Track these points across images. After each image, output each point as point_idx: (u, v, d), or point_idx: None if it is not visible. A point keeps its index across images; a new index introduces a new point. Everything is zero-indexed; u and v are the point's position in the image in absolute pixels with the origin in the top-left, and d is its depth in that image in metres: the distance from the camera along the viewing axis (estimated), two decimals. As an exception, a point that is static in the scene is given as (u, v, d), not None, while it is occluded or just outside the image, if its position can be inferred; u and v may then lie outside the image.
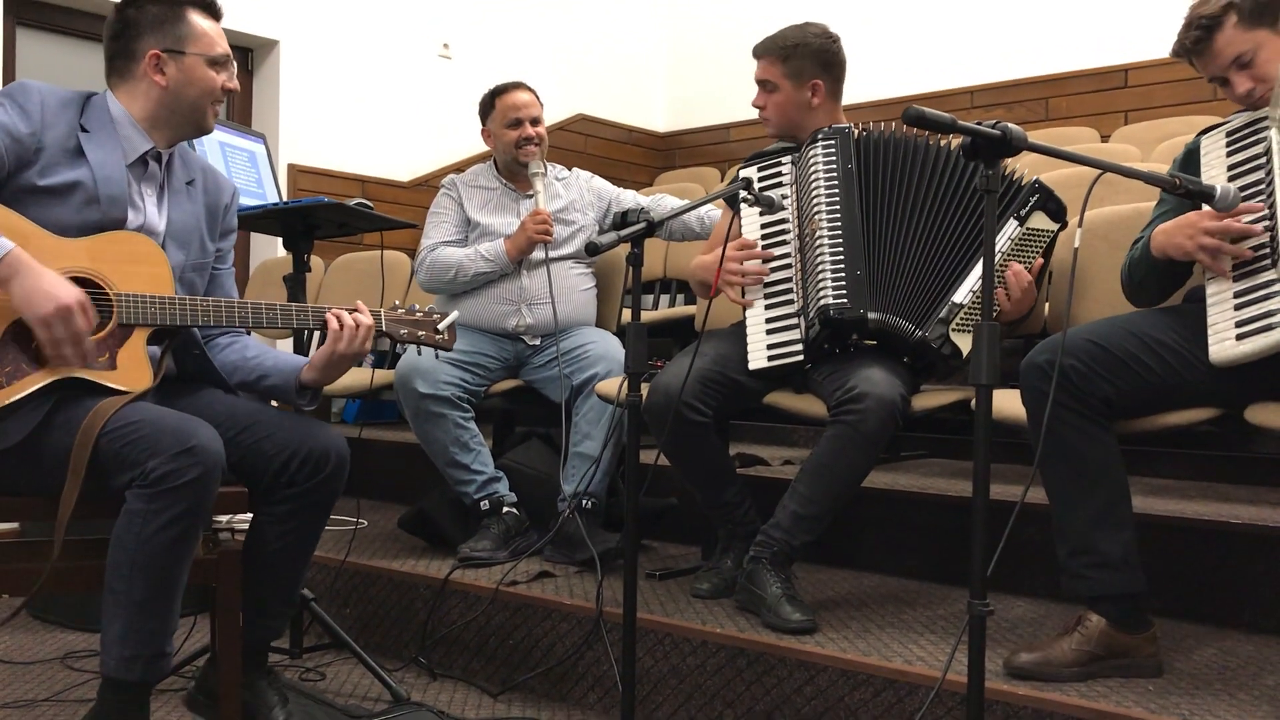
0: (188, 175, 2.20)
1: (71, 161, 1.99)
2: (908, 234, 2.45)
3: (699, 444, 2.52)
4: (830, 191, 2.46)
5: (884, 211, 2.46)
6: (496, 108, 3.29)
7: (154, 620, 1.86)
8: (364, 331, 2.11)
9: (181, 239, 2.14)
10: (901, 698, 2.08)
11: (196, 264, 2.18)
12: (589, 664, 2.52)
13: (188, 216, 2.17)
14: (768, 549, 2.41)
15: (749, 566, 2.44)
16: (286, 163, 5.19)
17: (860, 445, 2.32)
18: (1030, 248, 2.43)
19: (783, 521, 2.40)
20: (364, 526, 3.50)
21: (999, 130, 1.56)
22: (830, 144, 2.49)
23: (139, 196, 2.08)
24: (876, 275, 2.43)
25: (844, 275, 2.41)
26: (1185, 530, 2.53)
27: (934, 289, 2.44)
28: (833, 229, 2.44)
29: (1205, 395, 2.09)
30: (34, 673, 2.73)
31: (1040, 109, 5.69)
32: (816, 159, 2.49)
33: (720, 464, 2.61)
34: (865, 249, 2.43)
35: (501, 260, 3.14)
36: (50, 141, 1.97)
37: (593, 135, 6.80)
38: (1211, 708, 1.88)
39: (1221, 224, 1.99)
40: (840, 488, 2.38)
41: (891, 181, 2.47)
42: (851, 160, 2.47)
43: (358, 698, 2.56)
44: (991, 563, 1.58)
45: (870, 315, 2.40)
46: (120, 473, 1.85)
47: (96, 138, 2.02)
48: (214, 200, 2.25)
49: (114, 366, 1.96)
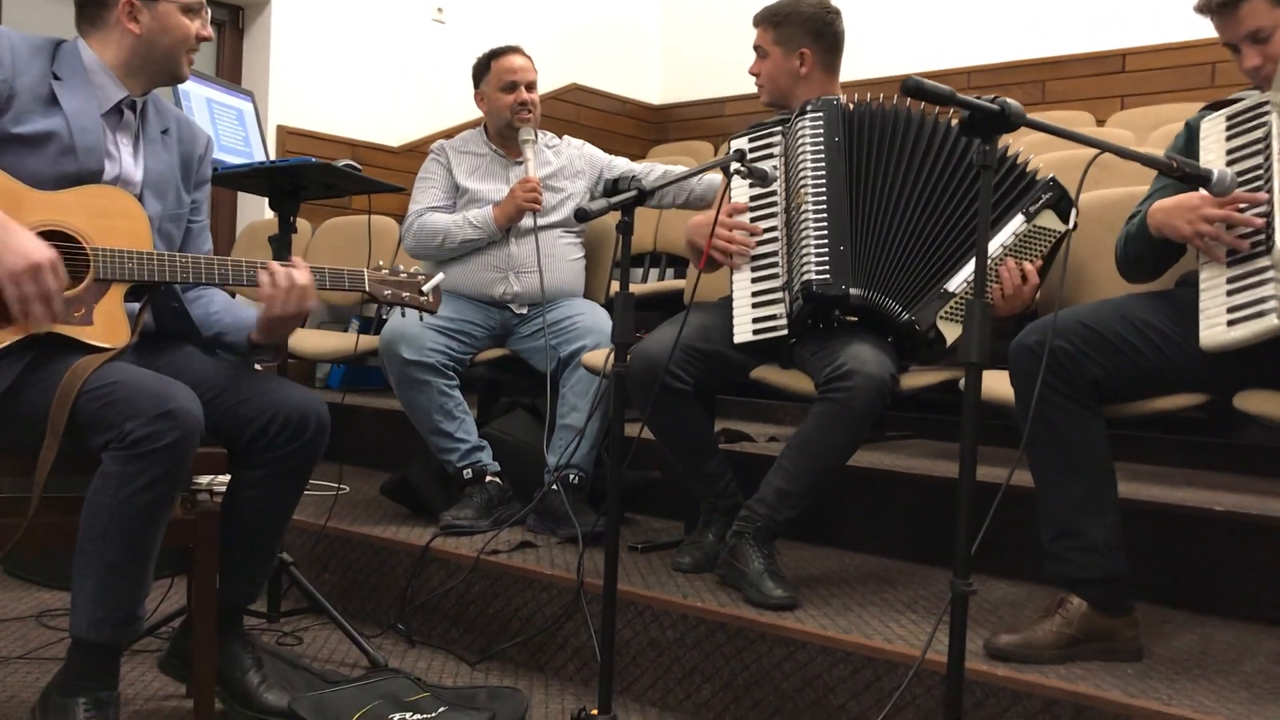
0: (162, 124, 2.16)
1: (45, 110, 1.95)
2: (898, 211, 2.42)
3: (680, 413, 2.50)
4: (816, 164, 2.43)
5: (872, 186, 2.43)
6: (492, 71, 3.25)
7: (126, 583, 1.84)
8: (298, 292, 2.02)
9: (159, 189, 2.11)
10: (880, 675, 2.07)
11: (173, 214, 2.15)
12: (568, 634, 2.51)
13: (164, 166, 2.13)
14: (751, 524, 2.40)
15: (731, 541, 2.43)
16: (275, 124, 5.13)
17: (848, 423, 2.30)
18: (1034, 247, 2.38)
19: (767, 497, 2.39)
20: (345, 492, 3.48)
21: (998, 105, 1.54)
22: (818, 116, 2.46)
23: (114, 146, 2.05)
24: (861, 252, 2.40)
25: (827, 250, 2.38)
26: (1169, 516, 2.53)
27: (925, 272, 2.41)
28: (817, 203, 2.41)
29: (1195, 381, 2.09)
30: (9, 630, 2.71)
31: (1037, 92, 5.67)
32: (804, 130, 2.46)
33: (702, 435, 2.59)
34: (850, 224, 2.40)
35: (489, 228, 3.10)
36: (22, 88, 1.93)
37: (586, 106, 6.74)
38: (1190, 692, 1.88)
39: (1223, 212, 1.97)
40: (826, 464, 2.37)
41: (882, 156, 2.44)
42: (839, 133, 2.44)
43: (335, 663, 2.54)
44: (975, 543, 1.57)
45: (852, 292, 2.37)
46: (97, 434, 1.82)
47: (69, 85, 1.98)
48: (189, 150, 2.21)
49: (91, 322, 1.93)
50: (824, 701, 2.14)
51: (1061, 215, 2.38)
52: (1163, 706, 1.81)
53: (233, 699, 2.15)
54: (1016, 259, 2.36)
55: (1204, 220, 1.99)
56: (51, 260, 1.82)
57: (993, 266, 2.35)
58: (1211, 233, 1.98)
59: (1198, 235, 2.00)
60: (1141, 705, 1.82)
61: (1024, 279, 2.34)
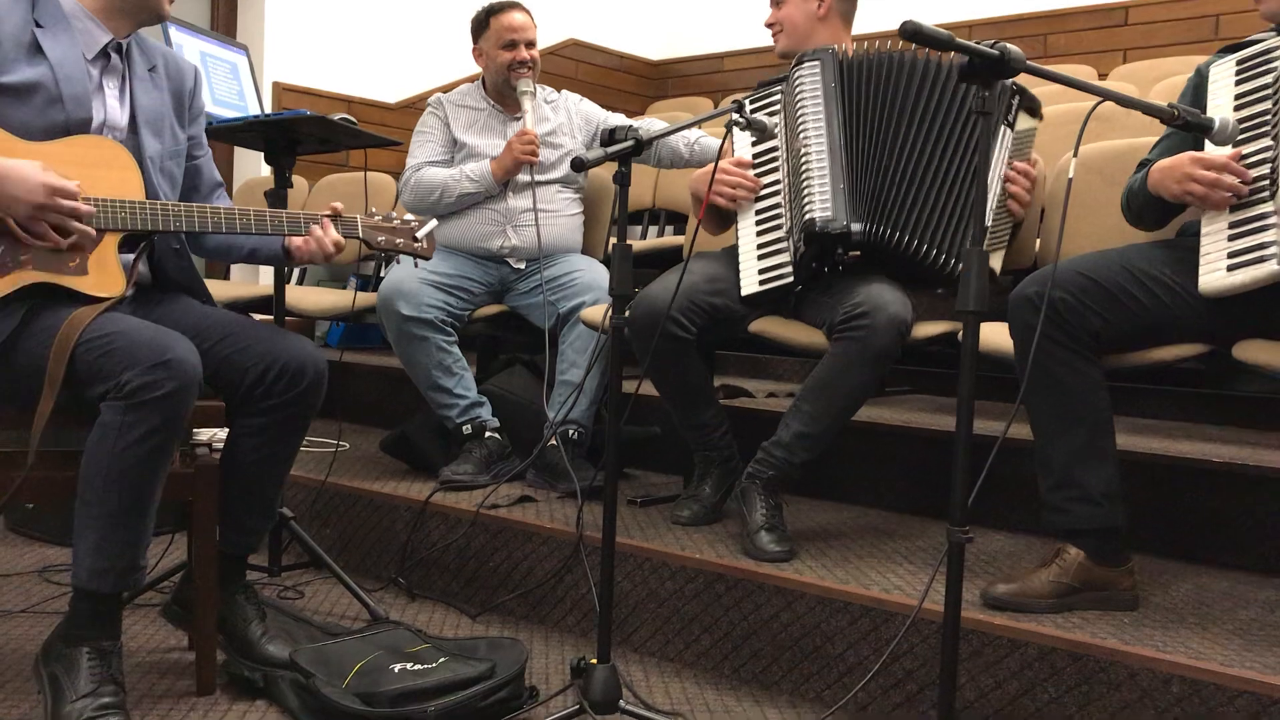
0: (149, 62, 2.14)
1: (30, 58, 1.93)
2: (899, 148, 2.42)
3: (680, 361, 2.50)
4: (815, 110, 2.43)
5: (872, 127, 2.43)
6: (491, 27, 3.21)
7: (126, 533, 1.85)
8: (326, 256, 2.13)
9: (154, 127, 2.10)
10: (878, 625, 2.09)
11: (172, 152, 2.14)
12: (568, 587, 2.53)
13: (155, 103, 2.12)
14: (765, 469, 2.40)
15: (744, 484, 2.43)
16: (271, 80, 5.09)
17: (868, 361, 2.29)
18: (1023, 149, 2.44)
19: (784, 439, 2.38)
20: (345, 449, 3.49)
21: (998, 50, 1.52)
22: (814, 64, 2.47)
23: (100, 91, 2.03)
24: (861, 189, 2.40)
25: (827, 189, 2.39)
26: (1166, 468, 2.53)
27: (936, 205, 2.40)
28: (817, 146, 2.41)
29: (1194, 331, 2.08)
30: (12, 584, 2.72)
31: (1039, 45, 5.61)
32: (802, 80, 2.47)
33: (700, 384, 2.59)
34: (849, 164, 2.41)
35: (487, 181, 3.08)
36: (5, 36, 1.91)
37: (584, 61, 6.68)
38: (1185, 640, 1.89)
39: (1211, 174, 1.96)
40: (846, 405, 2.35)
41: (881, 97, 2.44)
42: (835, 79, 2.45)
43: (336, 616, 2.56)
44: (972, 492, 1.58)
45: (854, 227, 2.37)
46: (95, 384, 1.82)
47: (52, 33, 1.96)
48: (178, 85, 2.20)
49: (85, 272, 1.92)
50: (822, 650, 2.16)
51: (1031, 113, 2.45)
52: (1157, 653, 1.82)
53: (234, 650, 2.16)
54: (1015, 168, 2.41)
55: (1192, 180, 1.98)
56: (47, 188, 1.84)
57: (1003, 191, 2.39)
58: (1200, 193, 1.98)
59: (1187, 194, 2.00)
60: (1137, 652, 1.83)
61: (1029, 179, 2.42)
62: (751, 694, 2.21)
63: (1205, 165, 1.97)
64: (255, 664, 2.13)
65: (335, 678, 2.01)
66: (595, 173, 3.34)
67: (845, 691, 2.11)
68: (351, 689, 1.98)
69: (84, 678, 1.82)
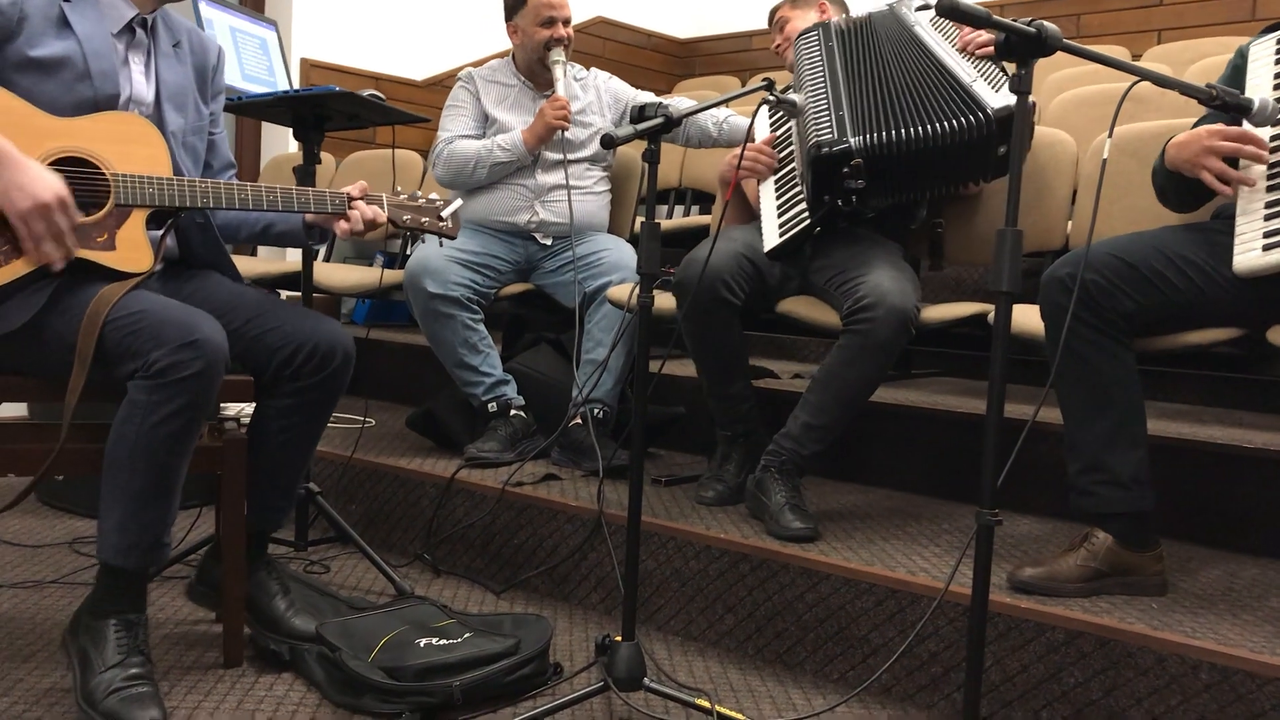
0: (173, 38, 2.15)
1: (58, 32, 1.93)
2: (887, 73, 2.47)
3: (724, 325, 2.50)
4: (813, 66, 2.57)
5: (864, 66, 2.51)
6: (529, 4, 3.17)
7: (152, 510, 1.86)
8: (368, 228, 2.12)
9: (177, 102, 2.10)
10: (903, 607, 2.08)
11: (195, 127, 2.14)
12: (592, 565, 2.53)
13: (179, 78, 2.12)
14: (777, 458, 2.42)
15: (759, 475, 2.45)
16: (299, 56, 5.09)
17: (872, 354, 2.30)
18: (945, 28, 2.54)
19: (793, 431, 2.40)
20: (371, 425, 3.51)
21: (1034, 28, 1.51)
22: (812, 33, 2.64)
23: (126, 66, 2.03)
24: (858, 110, 2.43)
25: (826, 117, 2.43)
26: (1197, 453, 2.50)
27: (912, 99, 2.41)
28: (815, 90, 2.50)
29: (1228, 315, 2.06)
30: (43, 555, 2.75)
31: (1072, 25, 5.55)
32: (800, 51, 2.61)
33: (737, 353, 2.58)
34: (847, 94, 2.47)
35: (519, 150, 3.07)
36: (33, 9, 1.91)
37: (611, 39, 6.65)
38: (1214, 626, 1.88)
39: (1230, 144, 1.93)
40: (851, 397, 2.37)
41: (872, 43, 2.55)
42: (833, 39, 2.59)
43: (361, 590, 2.58)
44: (1001, 474, 1.56)
45: (853, 140, 2.37)
46: (123, 362, 1.83)
47: (79, 8, 1.96)
48: (201, 61, 2.20)
49: (113, 247, 1.93)
50: (847, 632, 2.15)
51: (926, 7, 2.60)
52: (1186, 639, 1.80)
53: (260, 624, 2.18)
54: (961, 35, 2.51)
55: (1210, 153, 1.95)
56: (59, 198, 1.81)
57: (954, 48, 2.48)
58: (1216, 168, 1.95)
59: (1203, 169, 1.97)
60: (1165, 638, 1.81)
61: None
62: (775, 674, 2.21)
63: (1224, 135, 1.94)
64: (281, 637, 2.14)
65: (361, 651, 2.03)
66: (622, 151, 3.32)
67: (870, 673, 2.11)
68: (377, 663, 1.99)
69: (111, 649, 1.84)
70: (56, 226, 1.82)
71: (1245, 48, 2.12)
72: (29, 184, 1.78)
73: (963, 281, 3.76)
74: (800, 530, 2.30)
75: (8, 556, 2.73)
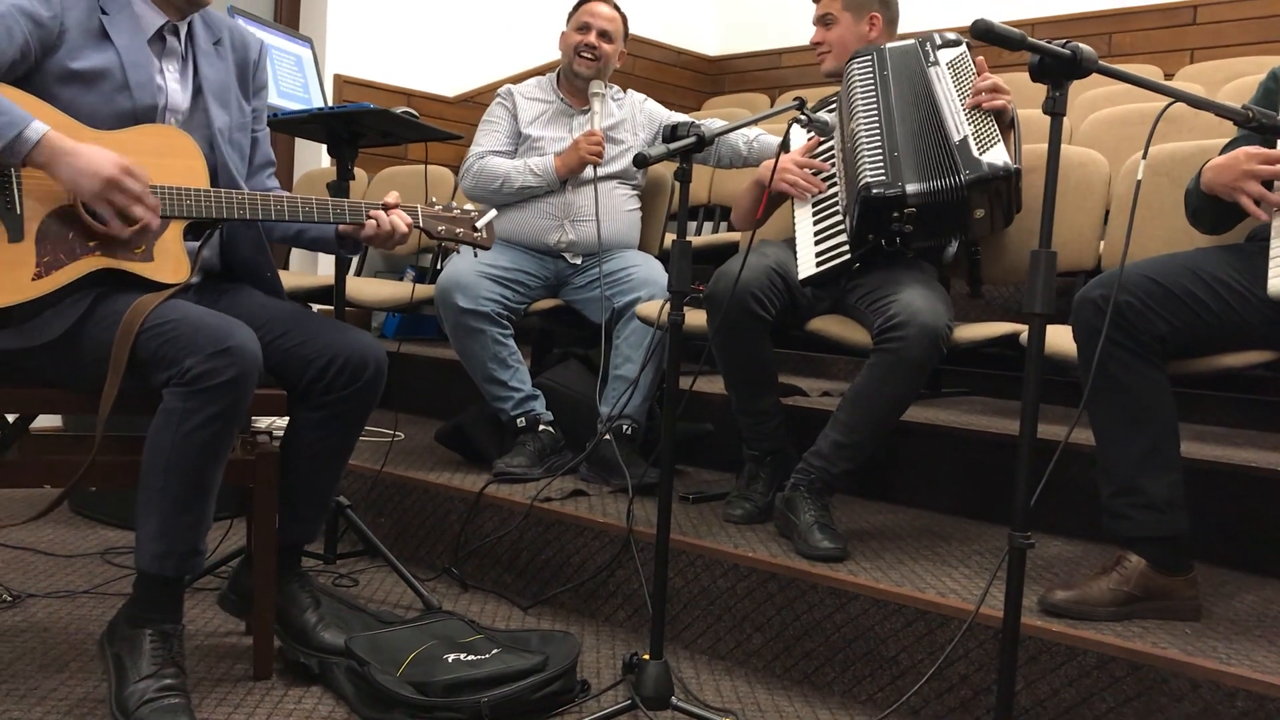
0: (214, 36, 2.17)
1: (98, 44, 1.96)
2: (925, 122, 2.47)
3: (753, 340, 2.50)
4: (866, 95, 2.56)
5: (908, 109, 2.50)
6: (577, 11, 3.28)
7: (188, 517, 1.87)
8: (399, 237, 2.12)
9: (221, 98, 2.13)
10: (933, 629, 2.07)
11: (240, 123, 2.17)
12: (619, 581, 2.53)
13: (221, 75, 2.15)
14: (806, 476, 2.41)
15: (788, 494, 2.44)
16: (332, 73, 5.14)
17: (903, 373, 2.29)
18: (965, 71, 2.53)
19: (823, 449, 2.39)
20: (401, 439, 3.52)
21: (1069, 50, 1.51)
22: (866, 59, 2.62)
23: (161, 75, 2.06)
24: (909, 156, 2.43)
25: (881, 156, 2.43)
26: (1231, 476, 2.48)
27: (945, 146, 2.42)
28: (869, 123, 2.50)
29: (1262, 337, 2.04)
30: (75, 566, 2.78)
31: (1103, 45, 5.52)
32: (853, 74, 2.59)
33: (767, 369, 2.58)
34: (900, 133, 2.46)
35: (550, 177, 3.10)
36: (72, 22, 1.94)
37: (641, 56, 6.67)
38: (1249, 653, 1.86)
39: (1268, 168, 1.91)
40: (881, 416, 2.36)
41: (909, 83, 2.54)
42: (887, 67, 2.57)
43: (390, 604, 2.58)
44: (1034, 496, 1.56)
45: (909, 188, 2.37)
46: (158, 371, 1.85)
47: (117, 20, 1.99)
48: (243, 57, 2.22)
49: (151, 259, 1.96)
50: (876, 653, 2.14)
51: (949, 44, 2.59)
52: (1220, 665, 1.78)
53: (290, 637, 2.19)
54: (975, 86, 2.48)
55: (1246, 177, 1.93)
56: (122, 167, 1.85)
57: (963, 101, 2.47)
58: (1257, 193, 1.93)
59: (1241, 193, 1.95)
60: (1199, 664, 1.79)
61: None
62: (803, 694, 2.20)
63: (1262, 159, 1.92)
64: (311, 651, 2.15)
65: (389, 666, 2.03)
66: (652, 169, 3.34)
67: (899, 695, 2.10)
68: (406, 677, 2.00)
69: (146, 660, 1.85)
70: (133, 191, 1.87)
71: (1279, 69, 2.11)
72: (89, 165, 1.83)
73: (993, 300, 3.74)
74: (829, 550, 2.30)
75: (41, 566, 2.76)
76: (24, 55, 1.88)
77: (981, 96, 2.44)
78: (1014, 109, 2.48)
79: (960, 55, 2.57)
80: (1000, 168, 2.35)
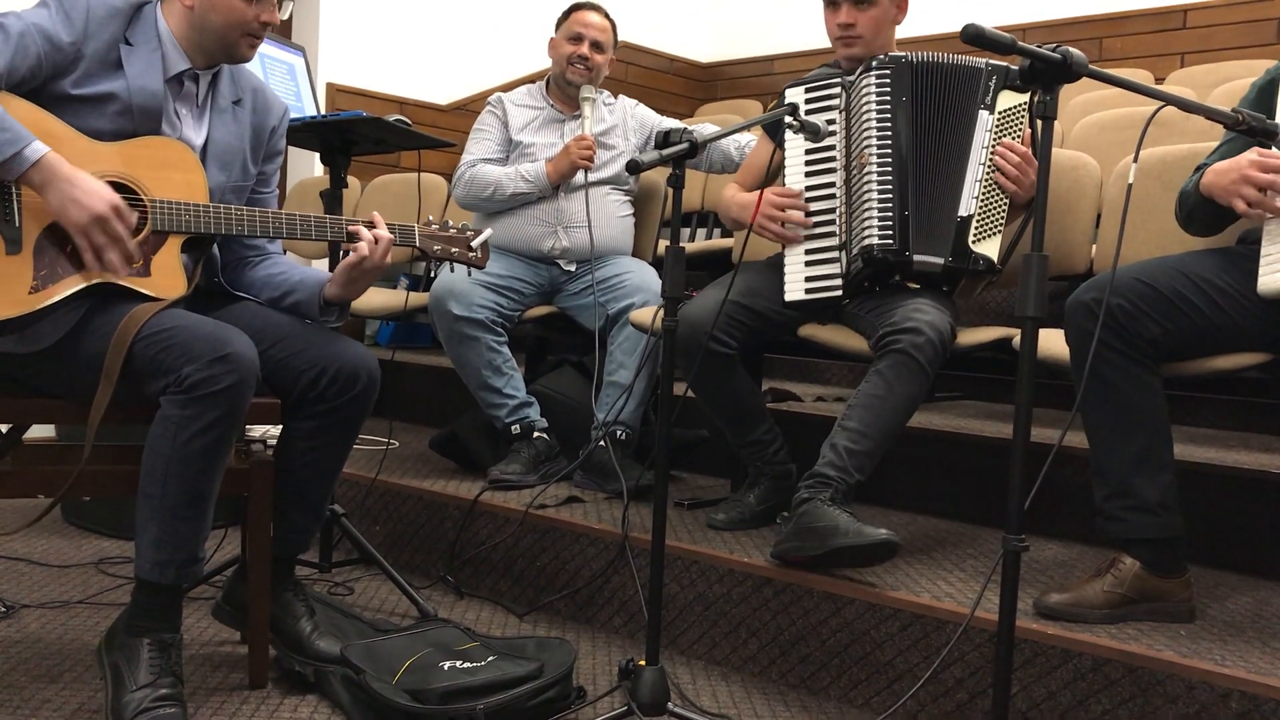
0: (235, 94, 2.16)
1: (109, 74, 1.96)
2: (943, 166, 2.39)
3: (725, 377, 2.49)
4: (883, 124, 2.40)
5: (933, 148, 2.40)
6: (568, 20, 3.27)
7: (187, 525, 1.88)
8: (385, 245, 2.10)
9: (224, 160, 2.12)
10: (928, 632, 2.07)
11: (236, 186, 2.16)
12: (615, 588, 2.53)
13: (231, 137, 2.13)
14: (826, 488, 2.24)
15: (804, 507, 2.24)
16: (325, 81, 5.15)
17: (915, 373, 2.26)
18: (1012, 127, 2.39)
19: (837, 460, 2.26)
20: (395, 447, 3.52)
21: (1059, 54, 1.51)
22: (885, 73, 2.40)
23: (174, 114, 2.06)
24: (920, 215, 2.37)
25: (891, 214, 2.36)
26: (1224, 478, 2.49)
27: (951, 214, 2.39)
28: (882, 165, 2.38)
29: (1255, 339, 2.05)
30: (70, 576, 2.77)
31: (1094, 49, 5.54)
32: (870, 87, 2.41)
33: (748, 400, 2.56)
34: (914, 188, 2.38)
35: (541, 182, 3.10)
36: (91, 53, 1.94)
37: (633, 64, 6.69)
38: (1244, 654, 1.86)
39: (1267, 177, 1.92)
40: (896, 419, 2.28)
41: (943, 116, 2.40)
42: (906, 92, 2.40)
43: (385, 612, 2.58)
44: (1028, 499, 1.56)
45: (916, 258, 2.36)
46: (155, 378, 1.85)
47: (138, 52, 1.99)
48: (261, 121, 2.21)
49: (148, 273, 1.96)
50: (871, 657, 2.14)
51: (1016, 89, 2.37)
52: (1215, 667, 1.79)
53: (286, 646, 2.19)
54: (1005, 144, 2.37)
55: (1246, 183, 1.94)
56: (114, 206, 1.85)
57: (989, 170, 2.36)
58: (1253, 198, 1.94)
59: (1240, 198, 1.96)
60: (1194, 665, 1.80)
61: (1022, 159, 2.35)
62: (799, 699, 2.20)
63: (1263, 167, 1.93)
64: (306, 659, 2.15)
65: (385, 674, 2.03)
66: (646, 175, 3.34)
67: (894, 698, 2.10)
68: (401, 685, 2.00)
69: (144, 669, 1.85)
70: (116, 233, 1.87)
71: (1275, 70, 2.11)
72: (83, 196, 1.83)
73: (986, 305, 3.75)
74: (887, 535, 2.13)
75: (35, 576, 2.76)
76: (33, 74, 1.89)
77: (1006, 171, 2.34)
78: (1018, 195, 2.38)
79: (1019, 107, 2.40)
80: (982, 265, 2.35)
